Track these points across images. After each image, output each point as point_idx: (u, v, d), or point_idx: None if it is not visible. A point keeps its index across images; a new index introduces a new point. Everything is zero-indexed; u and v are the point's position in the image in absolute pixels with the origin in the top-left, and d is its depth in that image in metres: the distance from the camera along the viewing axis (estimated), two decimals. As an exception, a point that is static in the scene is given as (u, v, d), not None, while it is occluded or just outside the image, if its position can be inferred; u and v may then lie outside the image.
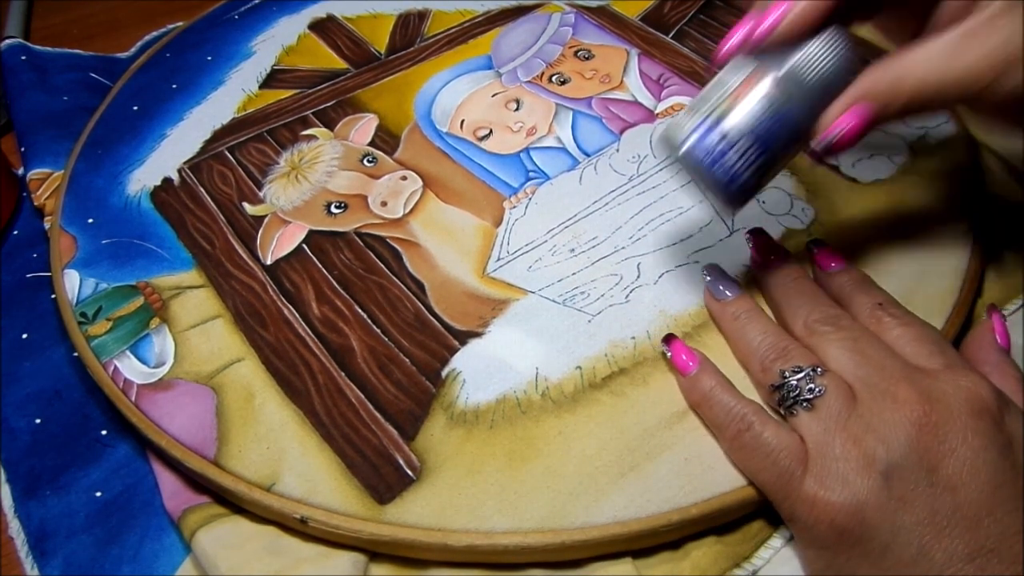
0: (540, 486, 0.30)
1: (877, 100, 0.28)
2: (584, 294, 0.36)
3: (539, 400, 0.33)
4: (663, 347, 0.33)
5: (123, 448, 0.34)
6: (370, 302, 0.37)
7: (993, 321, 0.32)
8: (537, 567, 0.30)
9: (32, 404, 0.36)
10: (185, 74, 0.49)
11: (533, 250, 0.38)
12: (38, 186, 0.44)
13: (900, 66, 0.28)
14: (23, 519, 0.32)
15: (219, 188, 0.42)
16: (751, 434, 0.28)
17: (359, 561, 0.30)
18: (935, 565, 0.24)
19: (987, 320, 0.32)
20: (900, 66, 0.28)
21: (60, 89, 0.50)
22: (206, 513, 0.31)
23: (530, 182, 0.42)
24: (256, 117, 0.46)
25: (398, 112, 0.46)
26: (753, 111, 0.27)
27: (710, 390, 0.30)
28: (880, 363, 0.28)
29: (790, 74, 0.27)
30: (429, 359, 0.34)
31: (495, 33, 0.51)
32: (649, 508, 0.29)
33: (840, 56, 0.27)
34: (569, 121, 0.45)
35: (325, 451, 0.31)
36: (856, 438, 0.26)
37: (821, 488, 0.26)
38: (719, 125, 0.28)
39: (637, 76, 0.47)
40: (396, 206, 0.41)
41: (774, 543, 0.30)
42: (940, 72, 0.27)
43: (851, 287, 0.33)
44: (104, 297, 0.37)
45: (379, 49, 0.51)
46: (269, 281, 0.38)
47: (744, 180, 0.28)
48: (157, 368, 0.34)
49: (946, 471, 0.25)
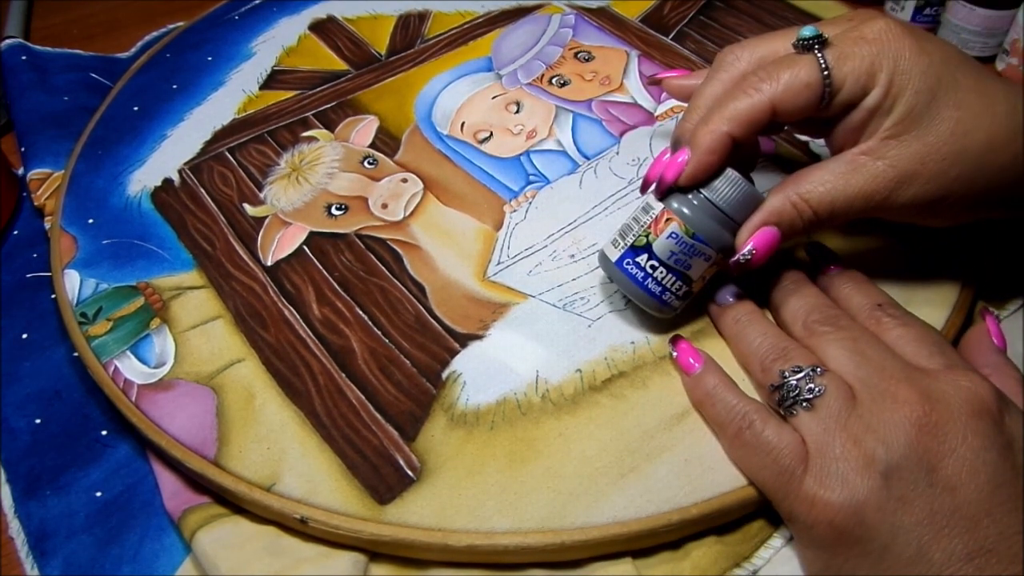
0: (540, 487, 0.30)
1: (782, 221, 0.31)
2: (584, 300, 0.36)
3: (539, 402, 0.33)
4: (670, 347, 0.33)
5: (123, 448, 0.34)
6: (371, 304, 0.37)
7: (988, 323, 0.32)
8: (537, 567, 0.30)
9: (32, 404, 0.36)
10: (185, 74, 0.49)
11: (533, 255, 0.38)
12: (38, 186, 0.44)
13: (802, 189, 0.31)
14: (23, 519, 0.32)
15: (220, 189, 0.42)
16: (752, 432, 0.29)
17: (359, 561, 0.30)
18: (934, 565, 0.24)
19: (981, 323, 0.32)
20: (802, 189, 0.31)
21: (60, 89, 0.50)
22: (206, 513, 0.31)
23: (530, 186, 0.42)
24: (256, 118, 0.46)
25: (399, 114, 0.46)
26: (668, 240, 0.31)
27: (713, 388, 0.31)
28: (880, 363, 0.28)
29: (696, 208, 0.31)
30: (429, 361, 0.34)
31: (495, 34, 0.51)
32: (649, 508, 0.29)
33: (738, 190, 0.31)
34: (569, 124, 0.45)
35: (325, 452, 0.32)
36: (856, 438, 0.27)
37: (821, 488, 0.26)
38: (642, 252, 0.32)
39: (637, 78, 0.47)
40: (397, 208, 0.41)
41: (774, 543, 0.30)
42: (840, 190, 0.31)
43: (850, 288, 0.33)
44: (104, 297, 0.37)
45: (379, 50, 0.51)
46: (270, 282, 0.38)
47: (671, 294, 0.32)
48: (157, 368, 0.34)
49: (946, 471, 0.25)
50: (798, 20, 0.50)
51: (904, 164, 0.30)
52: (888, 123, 0.30)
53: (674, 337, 0.33)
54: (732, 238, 0.32)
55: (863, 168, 0.30)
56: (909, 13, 0.54)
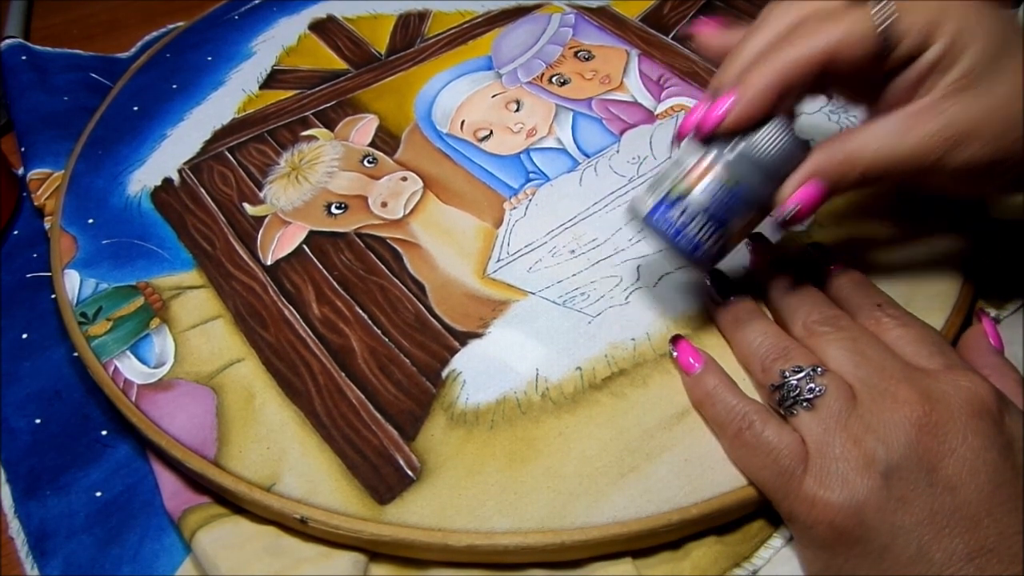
0: (540, 486, 0.30)
1: (829, 176, 0.29)
2: (584, 295, 0.36)
3: (539, 401, 0.33)
4: (670, 347, 0.33)
5: (123, 448, 0.34)
6: (370, 303, 0.37)
7: (984, 324, 0.32)
8: (537, 567, 0.30)
9: (32, 404, 0.36)
10: (185, 74, 0.49)
11: (533, 251, 0.38)
12: (38, 186, 0.44)
13: (852, 144, 0.29)
14: (23, 519, 0.32)
15: (219, 188, 0.42)
16: (751, 432, 0.29)
17: (359, 561, 0.30)
18: (934, 565, 0.24)
19: (978, 324, 0.32)
20: (852, 144, 0.29)
21: (60, 89, 0.50)
22: (206, 513, 0.31)
23: (530, 183, 0.42)
24: (256, 118, 0.46)
25: (398, 113, 0.46)
26: (707, 190, 0.30)
27: (713, 388, 0.31)
28: (880, 363, 0.28)
29: (740, 158, 0.30)
30: (429, 360, 0.34)
31: (495, 34, 0.51)
32: (649, 508, 0.29)
33: (785, 141, 0.29)
34: (569, 122, 0.45)
35: (325, 451, 0.32)
36: (856, 438, 0.27)
37: (821, 488, 0.26)
38: (679, 202, 0.30)
39: (637, 77, 0.47)
40: (396, 207, 0.41)
41: (774, 543, 0.30)
42: (891, 148, 0.29)
43: (850, 288, 0.33)
44: (104, 297, 0.37)
45: (379, 50, 0.51)
46: (269, 282, 0.38)
47: (706, 249, 0.30)
48: (157, 368, 0.34)
49: (946, 471, 0.25)
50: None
51: (962, 123, 0.28)
52: (948, 79, 0.28)
53: (674, 336, 0.33)
54: (774, 191, 0.30)
55: (918, 126, 0.29)
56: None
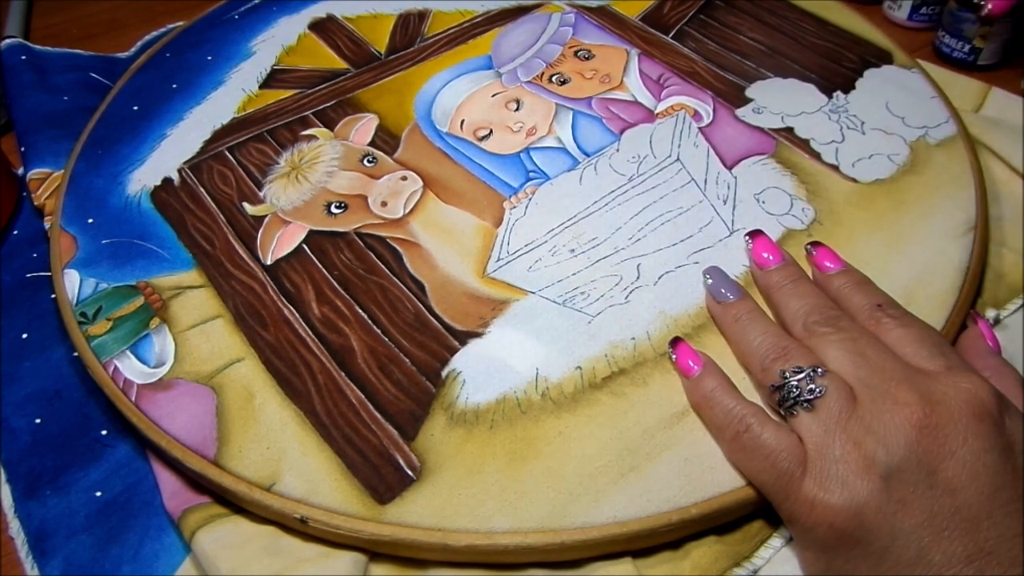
0: (540, 486, 0.30)
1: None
2: (584, 295, 0.36)
3: (539, 400, 0.33)
4: (669, 349, 0.33)
5: (123, 448, 0.34)
6: (370, 302, 0.37)
7: (980, 326, 0.32)
8: (537, 567, 0.30)
9: (32, 404, 0.36)
10: (185, 74, 0.49)
11: (533, 250, 0.38)
12: (38, 186, 0.44)
13: None
14: (23, 519, 0.32)
15: (219, 188, 0.42)
16: (750, 435, 0.28)
17: (359, 561, 0.30)
18: (934, 567, 0.24)
19: (974, 326, 0.32)
20: None
21: (60, 89, 0.50)
22: (206, 513, 0.31)
23: (530, 182, 0.42)
24: (256, 117, 0.46)
25: (398, 112, 0.46)
26: None
27: (711, 391, 0.31)
28: (880, 364, 0.28)
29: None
30: (429, 359, 0.34)
31: (495, 33, 0.51)
32: (649, 508, 0.29)
33: None
34: (569, 121, 0.45)
35: (325, 451, 0.31)
36: (856, 440, 0.26)
37: (820, 490, 0.26)
38: None
39: (637, 76, 0.47)
40: (396, 206, 0.41)
41: (774, 543, 0.30)
42: None
43: (850, 288, 0.33)
44: (104, 297, 0.37)
45: (379, 49, 0.51)
46: (269, 281, 0.38)
47: None
48: (157, 368, 0.34)
49: (946, 473, 0.25)
50: (798, 19, 0.50)
51: None
52: None
53: (674, 339, 0.33)
54: None
55: None
56: (906, 12, 0.54)
